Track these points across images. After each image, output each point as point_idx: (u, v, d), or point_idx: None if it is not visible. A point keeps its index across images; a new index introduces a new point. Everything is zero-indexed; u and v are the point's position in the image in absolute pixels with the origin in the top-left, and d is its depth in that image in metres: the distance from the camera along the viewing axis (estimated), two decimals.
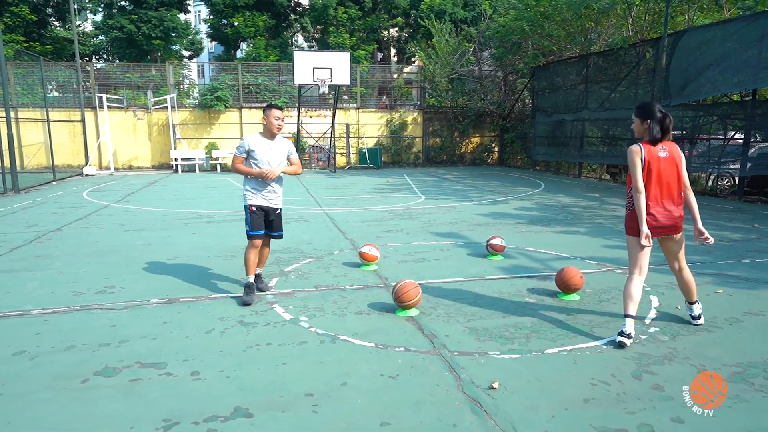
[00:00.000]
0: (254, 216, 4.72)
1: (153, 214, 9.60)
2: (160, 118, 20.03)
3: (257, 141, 4.69)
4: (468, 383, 3.21)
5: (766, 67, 10.72)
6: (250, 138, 4.69)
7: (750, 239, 7.48)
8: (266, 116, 4.70)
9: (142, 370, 3.38)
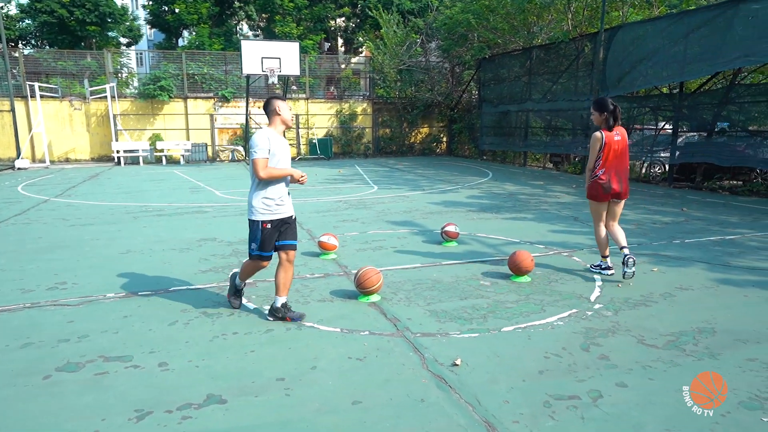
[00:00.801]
0: (267, 234, 3.91)
1: (99, 208, 9.25)
2: (98, 108, 19.13)
3: (276, 138, 3.89)
4: (432, 362, 3.39)
5: (691, 62, 11.52)
6: (268, 134, 3.84)
7: (679, 222, 8.09)
8: (278, 109, 3.90)
9: (107, 364, 3.35)
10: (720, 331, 3.87)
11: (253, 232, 3.97)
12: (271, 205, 3.90)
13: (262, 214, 3.89)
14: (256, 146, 3.80)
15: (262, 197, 3.89)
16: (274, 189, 3.91)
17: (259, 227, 3.90)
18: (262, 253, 3.98)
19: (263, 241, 3.93)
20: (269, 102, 3.97)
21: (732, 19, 10.71)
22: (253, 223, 3.94)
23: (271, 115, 3.96)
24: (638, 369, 3.28)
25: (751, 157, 11.28)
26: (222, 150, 20.65)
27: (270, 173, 3.80)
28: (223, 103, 20.39)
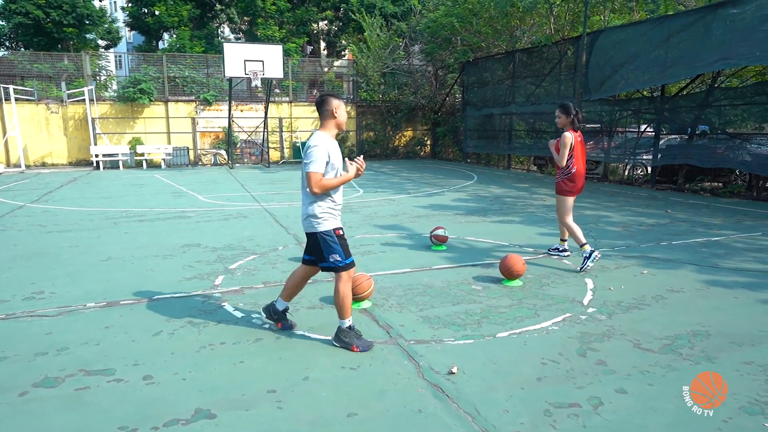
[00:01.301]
0: (344, 239, 3.62)
1: (77, 214, 8.99)
2: (76, 111, 18.71)
3: (333, 147, 3.50)
4: (428, 370, 3.31)
5: (671, 65, 11.68)
6: (326, 143, 3.43)
7: (664, 224, 8.14)
8: (336, 110, 3.50)
9: (89, 378, 3.19)
10: (714, 333, 3.86)
11: (326, 244, 3.51)
12: (337, 210, 3.60)
13: (332, 222, 3.54)
14: (314, 158, 3.36)
15: (326, 207, 3.52)
16: (338, 194, 3.60)
17: (333, 235, 3.53)
18: (350, 260, 3.58)
19: (344, 247, 3.56)
20: (326, 100, 3.51)
21: (711, 23, 10.89)
22: (324, 234, 3.51)
23: (326, 117, 3.52)
24: (636, 374, 3.23)
25: (731, 159, 11.46)
26: (204, 154, 20.36)
27: (325, 187, 3.42)
28: (205, 107, 20.11)
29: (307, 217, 3.55)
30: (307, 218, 3.56)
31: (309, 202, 3.53)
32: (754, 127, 12.14)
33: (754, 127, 12.16)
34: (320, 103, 3.54)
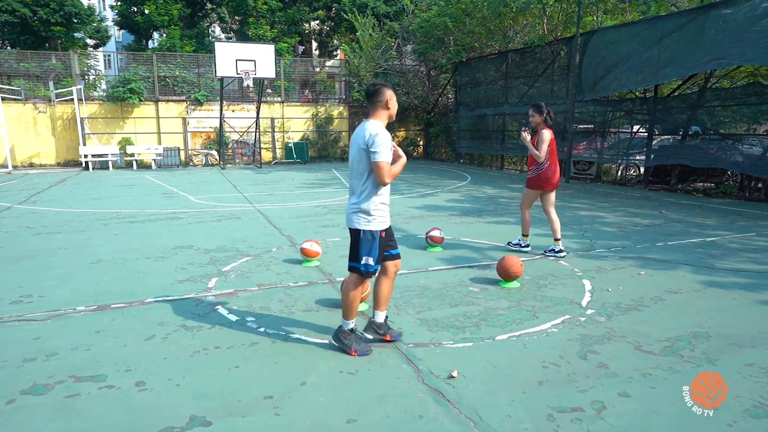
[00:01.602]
0: (382, 243, 3.43)
1: (66, 215, 8.84)
2: (65, 111, 18.47)
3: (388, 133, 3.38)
4: (427, 374, 3.25)
5: (665, 65, 11.73)
6: (383, 129, 3.32)
7: (659, 224, 8.15)
8: (389, 99, 3.36)
9: (79, 385, 3.10)
10: (714, 335, 3.83)
11: (367, 244, 3.36)
12: (386, 211, 3.44)
13: (380, 223, 3.38)
14: (381, 147, 3.23)
15: (379, 202, 3.37)
16: (387, 192, 3.44)
17: (377, 237, 3.38)
18: (378, 267, 3.46)
19: (379, 252, 3.42)
20: (379, 90, 3.36)
21: (704, 24, 10.94)
22: (368, 234, 3.36)
23: (379, 107, 3.36)
24: (638, 377, 3.19)
25: (723, 159, 11.52)
26: (195, 154, 20.18)
27: (394, 176, 3.33)
28: (196, 107, 19.94)
29: (357, 212, 3.38)
30: (357, 213, 3.38)
31: (363, 197, 3.35)
32: (744, 129, 12.22)
33: (745, 128, 12.24)
34: (373, 93, 3.38)
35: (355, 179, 3.40)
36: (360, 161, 3.33)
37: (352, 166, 3.42)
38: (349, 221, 3.45)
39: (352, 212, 3.42)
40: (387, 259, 3.54)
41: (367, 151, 3.28)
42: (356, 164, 3.37)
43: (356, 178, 3.40)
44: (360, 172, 3.36)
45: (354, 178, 3.42)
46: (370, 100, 3.40)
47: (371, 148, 3.26)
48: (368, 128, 3.31)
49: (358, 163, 3.35)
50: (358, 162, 3.35)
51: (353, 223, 3.41)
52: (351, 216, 3.43)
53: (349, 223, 3.45)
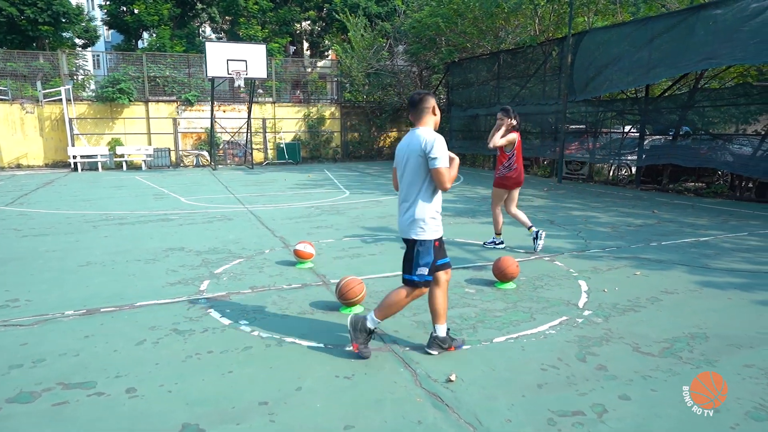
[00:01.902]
0: (437, 253, 3.41)
1: (55, 217, 8.69)
2: (53, 111, 18.23)
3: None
4: (425, 378, 3.19)
5: (656, 66, 11.77)
6: (438, 134, 3.32)
7: (652, 224, 8.16)
8: (435, 108, 3.38)
9: (67, 392, 3.01)
10: (712, 336, 3.81)
11: (423, 253, 3.31)
12: (439, 219, 3.39)
13: (436, 231, 3.34)
14: (441, 152, 3.20)
15: (434, 211, 3.33)
16: (440, 200, 3.42)
17: (433, 246, 3.34)
18: (431, 277, 3.38)
19: (434, 262, 3.37)
20: (425, 98, 3.36)
21: (694, 24, 10.99)
22: (425, 243, 3.31)
23: (425, 114, 3.35)
24: (638, 379, 3.16)
25: (714, 159, 11.59)
26: (186, 155, 20.01)
27: (452, 179, 3.28)
28: (187, 107, 19.77)
29: (414, 221, 3.31)
30: (413, 222, 3.32)
31: (420, 206, 3.30)
32: (733, 129, 12.28)
33: (734, 128, 12.30)
34: (419, 101, 3.36)
35: (410, 188, 3.34)
36: (416, 170, 3.28)
37: (404, 175, 3.37)
38: (406, 232, 3.37)
39: (409, 222, 3.34)
40: (439, 269, 3.46)
41: (425, 158, 3.23)
42: (410, 173, 3.31)
43: (411, 187, 3.33)
44: (415, 181, 3.31)
45: (408, 187, 3.35)
46: (417, 108, 3.36)
47: (430, 154, 3.21)
48: (423, 135, 3.27)
49: (413, 171, 3.30)
50: (413, 170, 3.30)
51: (410, 234, 3.34)
52: (408, 226, 3.35)
53: (406, 233, 3.38)
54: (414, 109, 3.38)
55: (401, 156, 3.41)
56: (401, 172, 3.41)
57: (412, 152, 3.29)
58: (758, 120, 11.42)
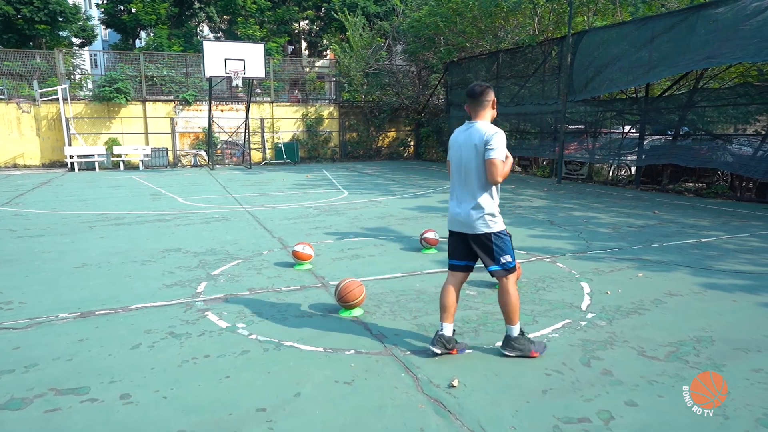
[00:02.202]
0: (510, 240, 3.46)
1: (50, 218, 8.60)
2: (49, 111, 18.11)
3: None
4: (427, 383, 3.12)
5: (656, 65, 11.72)
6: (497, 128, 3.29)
7: (653, 225, 8.10)
8: (494, 102, 3.35)
9: (60, 398, 2.93)
10: (718, 339, 3.75)
11: (501, 245, 3.32)
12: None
13: (502, 223, 3.37)
14: (500, 144, 3.18)
15: (497, 201, 3.35)
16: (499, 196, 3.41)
17: (507, 235, 3.37)
18: (514, 263, 3.41)
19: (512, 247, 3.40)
20: (487, 91, 3.29)
21: (694, 23, 10.94)
22: (500, 235, 3.32)
23: (485, 107, 3.30)
24: (644, 385, 3.09)
25: (714, 159, 11.54)
26: (184, 155, 19.91)
27: (506, 175, 3.26)
28: (185, 107, 19.66)
29: (482, 215, 3.28)
30: (481, 217, 3.28)
31: (482, 199, 3.27)
32: (733, 129, 12.23)
33: (733, 128, 12.25)
34: (480, 93, 3.29)
35: (470, 182, 3.30)
36: (478, 163, 3.25)
37: (464, 169, 3.33)
38: (474, 227, 3.32)
39: (476, 218, 3.29)
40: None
41: (485, 150, 3.21)
42: (472, 167, 3.28)
43: (473, 181, 3.29)
44: (476, 175, 3.28)
45: (467, 181, 3.32)
46: (477, 100, 3.30)
47: (488, 145, 3.19)
48: (483, 128, 3.25)
49: (473, 165, 3.27)
50: (473, 164, 3.27)
51: (481, 228, 3.31)
52: (476, 222, 3.30)
53: (474, 229, 3.32)
54: (474, 100, 3.31)
55: (457, 149, 3.37)
56: (457, 165, 3.37)
57: (472, 145, 3.25)
58: (758, 120, 11.38)
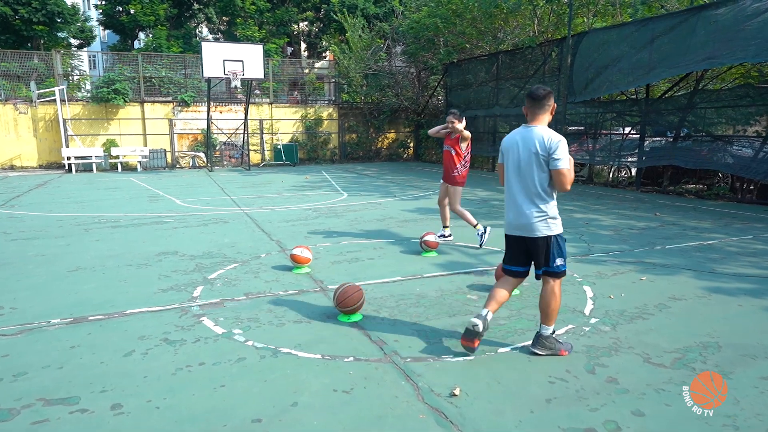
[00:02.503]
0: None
1: (45, 220, 8.51)
2: (47, 112, 18.02)
3: None
4: (428, 392, 3.03)
5: (656, 66, 11.66)
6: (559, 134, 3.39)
7: (655, 227, 8.02)
8: (554, 107, 3.42)
9: (48, 409, 2.84)
10: (725, 345, 3.67)
11: (558, 247, 3.41)
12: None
13: (561, 225, 3.45)
14: (565, 153, 3.25)
15: (556, 204, 3.44)
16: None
17: (564, 239, 3.48)
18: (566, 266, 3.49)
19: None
20: (549, 96, 3.33)
21: (695, 24, 10.88)
22: (559, 237, 3.42)
23: (545, 112, 3.36)
24: (651, 393, 3.01)
25: (715, 161, 11.47)
26: (182, 156, 19.82)
27: (572, 181, 3.30)
28: (183, 108, 19.58)
29: (544, 218, 3.35)
30: (543, 220, 3.35)
31: (546, 203, 3.36)
32: (734, 131, 12.17)
33: (733, 130, 12.19)
34: (543, 97, 3.33)
35: (528, 186, 3.36)
36: (538, 167, 3.31)
37: (522, 174, 3.38)
38: (534, 230, 3.38)
39: (538, 221, 3.35)
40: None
41: (547, 157, 3.26)
42: (528, 170, 3.34)
43: (532, 185, 3.35)
44: (534, 179, 3.33)
45: (524, 185, 3.38)
46: (540, 103, 3.33)
47: (554, 154, 3.24)
48: (544, 133, 3.29)
49: (535, 170, 3.32)
50: (531, 168, 3.33)
51: (541, 231, 3.37)
52: (537, 224, 3.36)
53: (534, 231, 3.38)
54: (537, 103, 3.33)
55: (515, 153, 3.40)
56: (515, 169, 3.41)
57: (532, 151, 3.30)
58: (759, 121, 11.31)
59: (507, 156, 3.47)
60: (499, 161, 3.60)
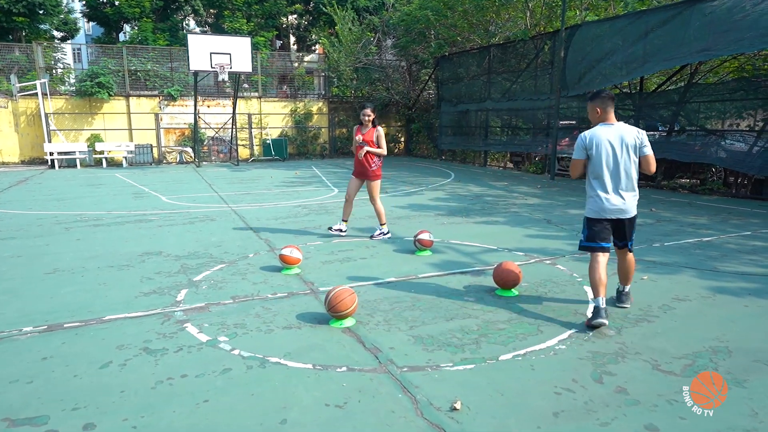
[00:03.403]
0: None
1: (24, 218, 8.19)
2: (28, 106, 17.55)
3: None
4: (426, 406, 2.83)
5: (650, 59, 11.52)
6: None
7: (652, 223, 7.88)
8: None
9: (13, 430, 2.60)
10: (735, 350, 3.51)
11: (635, 226, 4.14)
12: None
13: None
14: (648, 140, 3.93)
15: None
16: None
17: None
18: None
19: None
20: (612, 95, 3.94)
21: (690, 17, 10.74)
22: (635, 218, 4.07)
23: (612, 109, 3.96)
24: (664, 405, 2.84)
25: (709, 155, 11.37)
26: (169, 152, 19.43)
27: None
28: (170, 102, 19.18)
29: (637, 200, 4.01)
30: (637, 201, 4.01)
31: (637, 187, 3.99)
32: (728, 124, 12.08)
33: (728, 123, 12.10)
34: (612, 98, 3.94)
35: (629, 174, 3.91)
36: (633, 159, 3.89)
37: (620, 163, 3.88)
38: (632, 211, 4.00)
39: (635, 203, 4.00)
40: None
41: (638, 148, 3.88)
42: (628, 162, 3.89)
43: (630, 174, 3.91)
44: (631, 168, 3.91)
45: (626, 174, 3.90)
46: (610, 102, 3.94)
47: (644, 143, 3.90)
48: (630, 128, 3.91)
49: (632, 159, 3.89)
50: (632, 159, 3.89)
51: (635, 210, 4.02)
52: (633, 206, 3.99)
53: (632, 212, 4.00)
54: (609, 102, 3.93)
55: (611, 147, 3.87)
56: (615, 161, 3.88)
57: (627, 144, 3.86)
58: (752, 115, 11.23)
59: (599, 151, 3.89)
60: (577, 157, 4.01)
